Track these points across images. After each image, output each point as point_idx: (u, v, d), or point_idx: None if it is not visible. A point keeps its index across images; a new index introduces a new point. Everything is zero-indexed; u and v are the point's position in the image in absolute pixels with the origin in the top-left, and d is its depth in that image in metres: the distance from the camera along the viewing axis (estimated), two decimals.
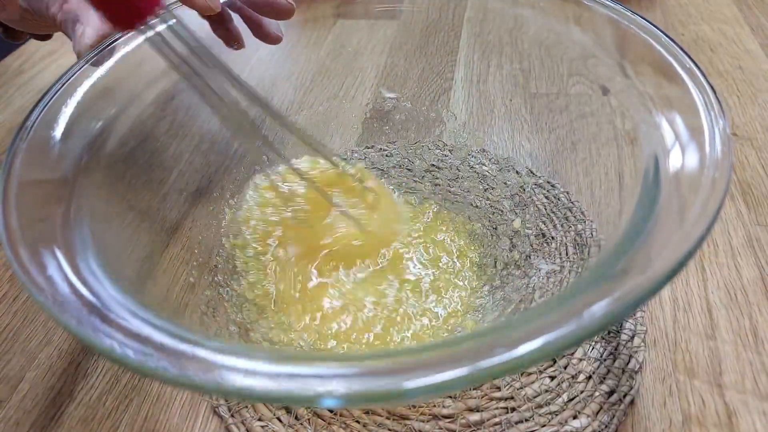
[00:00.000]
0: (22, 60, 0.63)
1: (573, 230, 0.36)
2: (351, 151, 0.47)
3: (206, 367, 0.18)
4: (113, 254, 0.25)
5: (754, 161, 0.45)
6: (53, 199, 0.25)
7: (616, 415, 0.30)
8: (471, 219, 0.41)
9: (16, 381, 0.34)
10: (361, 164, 0.46)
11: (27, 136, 0.27)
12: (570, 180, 0.38)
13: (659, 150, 0.25)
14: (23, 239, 0.22)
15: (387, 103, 0.46)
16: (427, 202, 0.43)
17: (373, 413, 0.31)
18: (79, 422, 0.32)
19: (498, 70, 0.42)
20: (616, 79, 0.30)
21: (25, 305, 0.38)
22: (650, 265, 0.19)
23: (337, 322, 0.35)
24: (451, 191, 0.43)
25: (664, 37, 0.28)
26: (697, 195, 0.21)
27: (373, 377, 0.17)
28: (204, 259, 0.36)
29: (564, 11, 0.34)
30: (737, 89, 0.52)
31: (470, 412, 0.31)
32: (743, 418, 0.30)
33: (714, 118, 0.24)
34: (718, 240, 0.39)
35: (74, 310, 0.20)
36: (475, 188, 0.43)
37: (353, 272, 0.37)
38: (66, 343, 0.35)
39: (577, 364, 0.32)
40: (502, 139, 0.42)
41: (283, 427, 0.31)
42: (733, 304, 0.35)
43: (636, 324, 0.34)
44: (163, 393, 0.33)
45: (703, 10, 0.64)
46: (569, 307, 0.19)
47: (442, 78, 0.46)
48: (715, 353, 0.33)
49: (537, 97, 0.40)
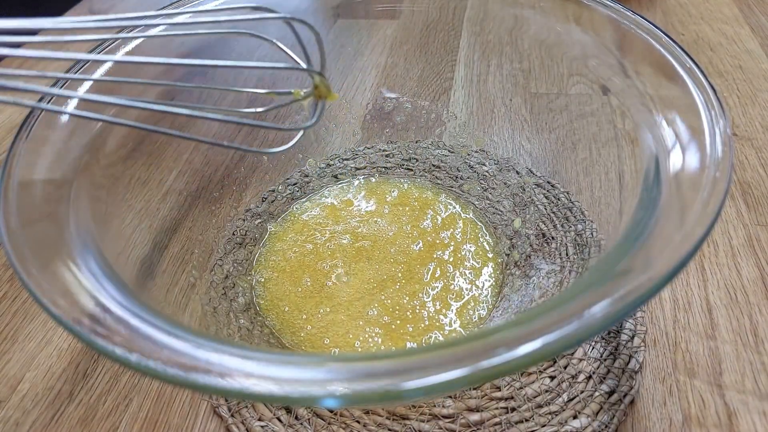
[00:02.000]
0: (22, 59, 0.63)
1: (573, 230, 0.36)
2: (351, 150, 0.47)
3: (207, 367, 0.18)
4: (113, 254, 0.25)
5: (754, 161, 0.45)
6: (53, 199, 0.25)
7: (616, 415, 0.30)
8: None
9: (15, 381, 0.34)
10: (362, 162, 0.46)
11: (27, 136, 0.27)
12: (570, 180, 0.38)
13: (660, 150, 0.25)
14: (23, 239, 0.22)
15: (387, 103, 0.46)
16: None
17: (373, 413, 0.31)
18: (79, 422, 0.32)
19: (498, 69, 0.42)
20: (617, 78, 0.30)
21: (24, 305, 0.38)
22: (651, 265, 0.19)
23: (344, 325, 0.35)
24: (452, 191, 0.43)
25: (665, 37, 0.28)
26: (697, 195, 0.21)
27: (374, 377, 0.17)
28: (204, 259, 0.36)
29: (564, 11, 0.34)
30: (737, 89, 0.52)
31: (470, 412, 0.31)
32: (743, 418, 0.30)
33: (714, 118, 0.24)
34: (718, 240, 0.39)
35: (74, 310, 0.20)
36: (474, 188, 0.43)
37: (363, 272, 0.38)
38: (66, 343, 0.35)
39: (577, 364, 0.32)
40: (502, 139, 0.42)
41: (283, 427, 0.31)
42: (733, 304, 0.35)
43: (636, 324, 0.34)
44: (163, 393, 0.33)
45: (704, 10, 0.64)
46: (569, 307, 0.19)
47: (442, 78, 0.46)
48: (715, 353, 0.33)
49: (537, 96, 0.40)
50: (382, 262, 0.38)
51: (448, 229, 0.40)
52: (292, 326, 0.35)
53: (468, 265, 0.37)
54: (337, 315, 0.35)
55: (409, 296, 0.36)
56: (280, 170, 0.45)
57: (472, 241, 0.39)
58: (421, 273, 0.37)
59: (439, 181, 0.44)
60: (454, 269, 0.37)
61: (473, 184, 0.43)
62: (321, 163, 0.46)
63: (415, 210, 0.42)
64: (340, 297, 0.36)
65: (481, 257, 0.38)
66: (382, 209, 0.42)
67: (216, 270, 0.36)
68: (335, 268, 0.38)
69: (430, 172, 0.45)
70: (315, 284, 0.37)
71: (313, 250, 0.39)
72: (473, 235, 0.40)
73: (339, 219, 0.42)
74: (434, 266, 0.37)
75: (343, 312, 0.35)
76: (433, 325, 0.34)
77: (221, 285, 0.36)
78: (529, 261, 0.36)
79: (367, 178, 0.45)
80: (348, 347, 0.33)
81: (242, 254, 0.39)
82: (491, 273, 0.37)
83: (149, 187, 0.34)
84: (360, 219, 0.41)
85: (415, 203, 0.42)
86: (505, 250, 0.38)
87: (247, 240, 0.40)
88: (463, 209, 0.42)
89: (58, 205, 0.25)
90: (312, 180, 0.45)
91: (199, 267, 0.35)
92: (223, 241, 0.38)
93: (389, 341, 0.33)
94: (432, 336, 0.34)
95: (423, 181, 0.44)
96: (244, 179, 0.42)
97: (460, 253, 0.38)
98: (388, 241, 0.39)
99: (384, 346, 0.33)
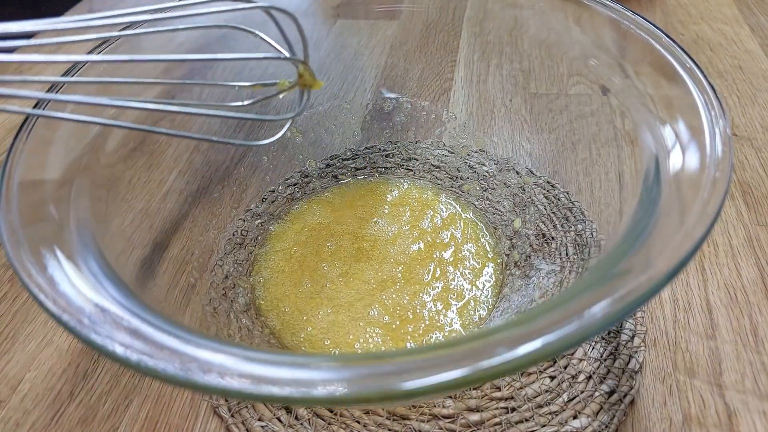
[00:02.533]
0: (17, 64, 0.63)
1: (573, 230, 0.36)
2: (351, 151, 0.47)
3: (207, 367, 0.18)
4: (113, 254, 0.25)
5: (754, 161, 0.45)
6: (53, 199, 0.25)
7: (616, 415, 0.30)
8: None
9: (15, 381, 0.34)
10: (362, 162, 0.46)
11: (27, 136, 0.27)
12: (570, 180, 0.38)
13: (659, 150, 0.25)
14: (23, 239, 0.22)
15: (387, 104, 0.46)
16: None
17: (374, 413, 0.31)
18: (79, 423, 0.32)
19: (498, 70, 0.42)
20: (616, 79, 0.30)
21: (25, 305, 0.38)
22: (651, 265, 0.19)
23: (345, 327, 0.35)
24: (451, 192, 0.43)
25: (664, 37, 0.28)
26: (697, 195, 0.21)
27: (374, 377, 0.17)
28: (204, 259, 0.36)
29: (564, 11, 0.34)
30: (737, 89, 0.52)
31: (470, 412, 0.31)
32: (743, 418, 0.30)
33: (714, 118, 0.24)
34: (718, 240, 0.39)
35: (74, 310, 0.20)
36: (474, 189, 0.43)
37: (363, 273, 0.38)
38: (66, 344, 0.35)
39: (577, 364, 0.32)
40: (502, 139, 0.42)
41: (283, 428, 0.31)
42: (733, 304, 0.35)
43: (636, 324, 0.34)
44: (163, 393, 0.33)
45: (703, 10, 0.64)
46: (570, 307, 0.19)
47: (442, 78, 0.46)
48: (715, 353, 0.33)
49: (537, 97, 0.40)
50: (382, 263, 0.38)
51: (448, 230, 0.40)
52: (292, 327, 0.35)
53: (468, 265, 0.37)
54: (338, 316, 0.35)
55: (410, 296, 0.36)
56: (281, 171, 0.45)
57: (472, 241, 0.39)
58: (421, 273, 0.37)
59: (439, 181, 0.44)
60: (455, 269, 0.37)
61: (473, 184, 0.43)
62: (321, 164, 0.46)
63: (415, 210, 0.42)
64: (341, 298, 0.36)
65: (481, 257, 0.38)
66: (382, 209, 0.42)
67: (216, 270, 0.36)
68: (335, 268, 0.38)
69: (430, 173, 0.45)
70: (315, 285, 0.37)
71: (313, 250, 0.39)
72: (473, 236, 0.40)
73: (339, 219, 0.42)
74: (434, 266, 0.37)
75: (344, 313, 0.35)
76: (434, 326, 0.34)
77: (221, 285, 0.36)
78: (529, 261, 0.36)
79: (366, 178, 0.45)
80: (348, 348, 0.33)
81: (242, 255, 0.39)
82: (491, 273, 0.37)
83: (149, 187, 0.34)
84: (360, 219, 0.41)
85: (415, 203, 0.42)
86: (505, 250, 0.38)
87: (247, 240, 0.40)
88: (463, 209, 0.42)
89: (58, 205, 0.25)
90: (312, 180, 0.45)
91: (200, 267, 0.35)
92: (223, 241, 0.38)
93: (390, 341, 0.33)
94: (433, 336, 0.34)
95: (423, 182, 0.44)
96: (244, 179, 0.42)
97: (460, 253, 0.38)
98: (388, 241, 0.39)
99: (384, 347, 0.33)
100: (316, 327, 0.35)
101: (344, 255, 0.39)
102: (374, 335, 0.34)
